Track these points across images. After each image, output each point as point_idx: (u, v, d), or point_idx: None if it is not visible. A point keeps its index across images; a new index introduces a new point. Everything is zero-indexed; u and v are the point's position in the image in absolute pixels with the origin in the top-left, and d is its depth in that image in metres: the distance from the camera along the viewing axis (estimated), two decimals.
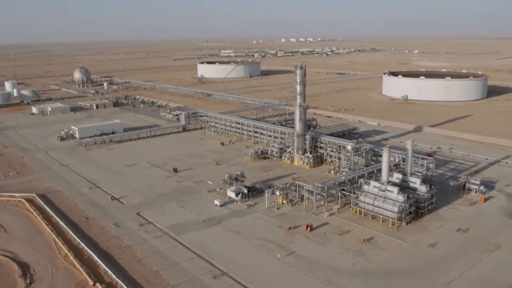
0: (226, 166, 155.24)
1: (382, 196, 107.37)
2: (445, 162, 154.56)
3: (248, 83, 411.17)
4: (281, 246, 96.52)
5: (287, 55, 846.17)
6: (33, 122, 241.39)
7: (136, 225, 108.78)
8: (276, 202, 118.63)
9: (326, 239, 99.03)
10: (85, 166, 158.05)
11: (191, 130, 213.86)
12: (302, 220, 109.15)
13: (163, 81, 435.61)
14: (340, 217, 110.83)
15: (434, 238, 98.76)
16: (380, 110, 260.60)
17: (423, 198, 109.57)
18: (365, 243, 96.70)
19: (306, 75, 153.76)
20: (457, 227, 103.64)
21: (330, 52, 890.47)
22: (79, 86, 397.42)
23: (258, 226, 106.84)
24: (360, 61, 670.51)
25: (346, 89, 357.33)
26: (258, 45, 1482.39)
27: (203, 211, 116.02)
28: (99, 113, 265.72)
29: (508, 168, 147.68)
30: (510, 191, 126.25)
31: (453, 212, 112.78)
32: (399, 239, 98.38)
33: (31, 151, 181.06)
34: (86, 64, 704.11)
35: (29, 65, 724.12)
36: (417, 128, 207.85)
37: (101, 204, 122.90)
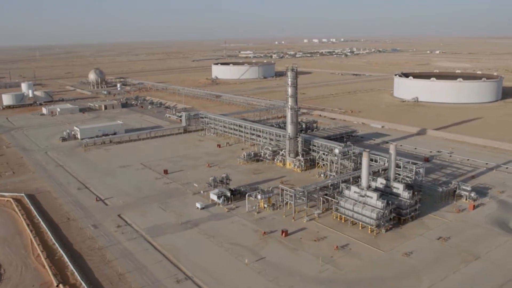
0: (217, 168, 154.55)
1: (362, 202, 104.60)
2: (442, 167, 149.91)
3: (260, 84, 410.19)
4: (253, 251, 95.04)
5: (306, 56, 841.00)
6: (41, 123, 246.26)
7: (114, 226, 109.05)
8: (257, 206, 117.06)
9: (300, 245, 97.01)
10: (79, 167, 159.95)
11: (192, 131, 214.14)
12: (280, 225, 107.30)
13: (177, 82, 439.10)
14: (320, 222, 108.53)
15: (411, 246, 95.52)
16: (387, 112, 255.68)
17: (405, 204, 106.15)
18: (338, 250, 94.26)
19: (297, 77, 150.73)
20: (438, 235, 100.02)
21: (349, 53, 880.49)
22: (94, 87, 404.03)
23: (234, 230, 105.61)
24: (378, 62, 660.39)
25: (358, 90, 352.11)
26: (280, 46, 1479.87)
27: (183, 214, 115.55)
28: (106, 114, 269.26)
29: (507, 174, 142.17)
30: (503, 198, 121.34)
31: (438, 220, 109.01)
32: (375, 247, 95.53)
33: (32, 151, 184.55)
34: (106, 65, 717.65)
35: (51, 66, 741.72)
36: (421, 131, 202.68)
37: (86, 205, 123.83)
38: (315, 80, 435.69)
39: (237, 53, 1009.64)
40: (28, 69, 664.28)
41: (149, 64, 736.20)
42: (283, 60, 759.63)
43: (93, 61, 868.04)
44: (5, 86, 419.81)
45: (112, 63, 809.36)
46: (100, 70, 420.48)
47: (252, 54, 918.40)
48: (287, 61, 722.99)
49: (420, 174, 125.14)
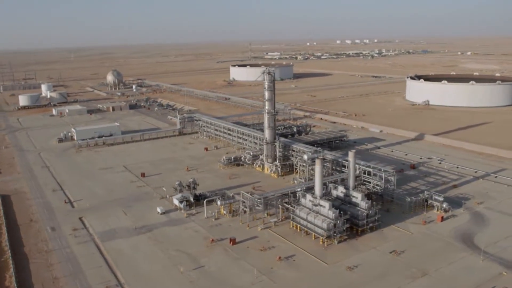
0: (195, 172, 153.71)
1: (315, 211, 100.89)
2: (426, 175, 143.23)
3: None
4: (194, 259, 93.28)
5: (332, 58, 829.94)
6: (47, 124, 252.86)
7: (71, 229, 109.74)
8: (216, 212, 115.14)
9: (244, 255, 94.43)
10: (64, 168, 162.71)
11: (187, 134, 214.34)
12: (234, 232, 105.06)
13: (194, 84, 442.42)
14: (275, 231, 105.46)
15: (359, 259, 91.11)
16: (393, 116, 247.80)
17: (362, 214, 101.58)
18: (281, 261, 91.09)
19: (274, 80, 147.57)
20: (393, 249, 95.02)
21: (376, 54, 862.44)
22: (111, 89, 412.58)
23: (185, 236, 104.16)
24: (403, 63, 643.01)
25: (371, 93, 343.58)
26: (310, 47, 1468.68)
27: (142, 218, 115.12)
28: (112, 116, 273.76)
29: (493, 183, 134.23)
30: (479, 210, 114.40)
31: (399, 231, 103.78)
32: (320, 259, 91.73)
33: (27, 152, 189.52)
34: (133, 67, 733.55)
35: (81, 68, 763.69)
36: (419, 136, 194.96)
37: (54, 207, 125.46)
38: (332, 82, 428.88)
39: (264, 54, 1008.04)
40: (59, 70, 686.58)
41: (174, 66, 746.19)
42: (307, 62, 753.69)
43: (123, 63, 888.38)
44: (28, 87, 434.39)
45: (140, 64, 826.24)
46: (118, 72, 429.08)
47: (278, 55, 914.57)
48: (312, 63, 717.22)
49: (391, 182, 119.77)
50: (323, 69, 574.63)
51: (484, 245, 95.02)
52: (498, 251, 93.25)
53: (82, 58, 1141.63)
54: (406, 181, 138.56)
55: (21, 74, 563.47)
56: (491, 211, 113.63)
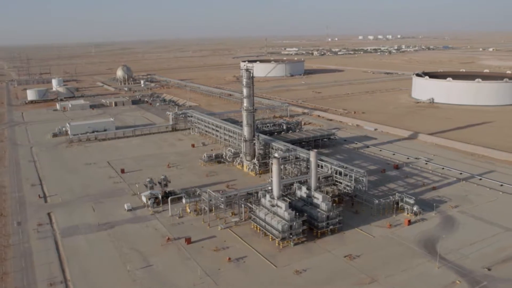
0: (175, 169, 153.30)
1: (273, 212, 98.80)
2: (407, 176, 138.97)
3: (282, 82, 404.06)
4: (145, 258, 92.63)
5: (349, 54, 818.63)
6: (49, 118, 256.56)
7: (36, 225, 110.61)
8: (181, 210, 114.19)
9: (195, 255, 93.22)
10: (49, 163, 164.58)
11: (180, 130, 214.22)
12: (194, 231, 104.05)
13: (204, 79, 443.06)
14: (235, 231, 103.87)
15: (310, 263, 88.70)
16: (394, 114, 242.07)
17: (322, 216, 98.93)
18: (230, 262, 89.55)
19: (253, 77, 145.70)
20: (349, 253, 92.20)
21: (395, 50, 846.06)
22: (121, 84, 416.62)
23: (143, 234, 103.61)
24: (419, 60, 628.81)
25: (378, 90, 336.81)
26: (331, 43, 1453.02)
27: (109, 215, 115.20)
28: (112, 111, 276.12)
29: (475, 186, 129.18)
30: (452, 214, 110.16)
31: (361, 235, 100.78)
32: (271, 262, 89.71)
33: (20, 146, 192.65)
34: (148, 62, 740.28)
35: (99, 62, 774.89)
36: (413, 135, 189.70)
37: (27, 201, 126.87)
38: (342, 78, 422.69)
39: (281, 49, 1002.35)
40: (78, 65, 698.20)
41: (190, 61, 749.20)
42: (323, 58, 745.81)
43: (140, 58, 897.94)
44: (42, 82, 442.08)
45: (157, 59, 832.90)
46: (127, 67, 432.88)
47: (295, 51, 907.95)
48: (327, 59, 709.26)
49: (363, 183, 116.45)
50: (336, 65, 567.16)
51: (445, 252, 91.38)
52: (458, 258, 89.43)
53: (103, 53, 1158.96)
54: (385, 181, 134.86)
55: (38, 69, 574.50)
56: (464, 216, 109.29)
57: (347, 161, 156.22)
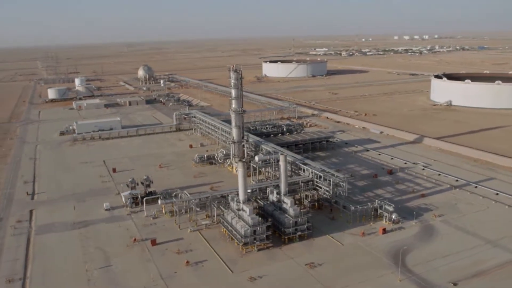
0: (166, 169, 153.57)
1: (238, 216, 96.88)
2: (399, 182, 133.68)
3: (301, 83, 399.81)
4: (107, 258, 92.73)
5: (378, 54, 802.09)
6: (63, 117, 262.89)
7: (15, 221, 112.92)
8: (156, 211, 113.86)
9: (157, 257, 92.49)
10: (48, 161, 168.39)
11: (184, 130, 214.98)
12: (164, 232, 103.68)
13: (224, 79, 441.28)
14: (204, 234, 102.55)
15: (268, 270, 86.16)
16: (406, 116, 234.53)
17: (289, 222, 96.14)
18: (188, 266, 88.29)
19: (242, 78, 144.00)
20: (311, 261, 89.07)
21: (426, 50, 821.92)
22: (142, 83, 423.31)
23: (113, 234, 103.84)
24: (450, 60, 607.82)
25: (397, 91, 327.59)
26: (365, 43, 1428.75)
27: (87, 214, 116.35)
28: (125, 110, 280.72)
29: (468, 194, 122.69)
30: (433, 223, 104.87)
31: (331, 242, 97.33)
32: (229, 267, 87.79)
33: (27, 144, 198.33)
34: (175, 62, 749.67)
35: (128, 62, 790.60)
36: (418, 139, 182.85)
37: (15, 198, 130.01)
38: (364, 79, 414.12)
39: (310, 50, 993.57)
40: (107, 64, 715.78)
41: (216, 61, 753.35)
42: (350, 58, 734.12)
43: (170, 57, 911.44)
44: (68, 81, 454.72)
45: (185, 59, 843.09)
46: (148, 67, 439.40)
47: (323, 51, 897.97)
48: (354, 59, 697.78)
49: (343, 188, 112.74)
50: (362, 66, 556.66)
51: (414, 263, 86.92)
52: (425, 271, 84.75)
53: (134, 53, 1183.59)
54: (374, 187, 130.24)
55: (67, 68, 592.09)
56: (446, 226, 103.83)
57: (341, 164, 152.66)
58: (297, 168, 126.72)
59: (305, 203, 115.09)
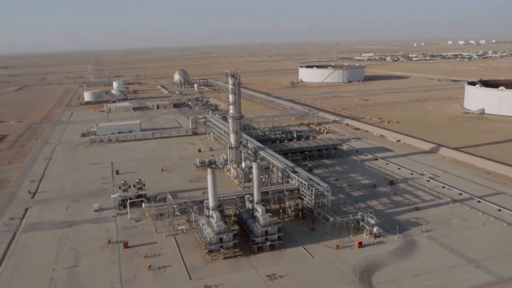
0: (167, 173, 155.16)
1: (207, 223, 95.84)
2: (396, 193, 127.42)
3: (335, 89, 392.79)
4: (77, 258, 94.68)
5: (425, 59, 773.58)
6: (91, 119, 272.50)
7: (8, 218, 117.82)
8: (140, 214, 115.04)
9: (125, 259, 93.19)
10: (61, 161, 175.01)
11: (200, 134, 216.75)
12: (140, 236, 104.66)
13: (260, 84, 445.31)
14: (178, 239, 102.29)
15: (227, 279, 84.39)
16: (431, 125, 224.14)
17: (258, 231, 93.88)
18: (150, 271, 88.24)
19: (240, 83, 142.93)
20: (274, 272, 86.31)
21: (476, 56, 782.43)
22: (177, 87, 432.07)
23: (91, 235, 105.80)
24: (499, 66, 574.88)
25: (431, 98, 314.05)
26: (417, 48, 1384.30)
27: (77, 214, 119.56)
28: (152, 113, 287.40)
29: (467, 209, 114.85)
30: (418, 239, 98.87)
31: (301, 254, 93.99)
32: (190, 274, 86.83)
33: (48, 144, 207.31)
34: (218, 66, 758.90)
35: (172, 66, 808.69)
36: (434, 149, 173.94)
37: (17, 196, 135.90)
38: (401, 85, 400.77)
39: (355, 55, 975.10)
40: (152, 68, 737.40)
41: (257, 66, 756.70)
42: (395, 64, 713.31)
43: (214, 62, 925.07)
44: (109, 84, 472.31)
45: (227, 63, 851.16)
46: (184, 71, 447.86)
47: (368, 57, 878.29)
48: (397, 65, 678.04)
49: (327, 198, 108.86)
50: (403, 72, 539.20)
51: (380, 281, 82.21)
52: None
53: (181, 57, 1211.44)
54: (369, 198, 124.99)
55: (113, 72, 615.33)
56: (431, 242, 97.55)
57: (344, 173, 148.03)
58: (287, 176, 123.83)
59: (288, 212, 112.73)
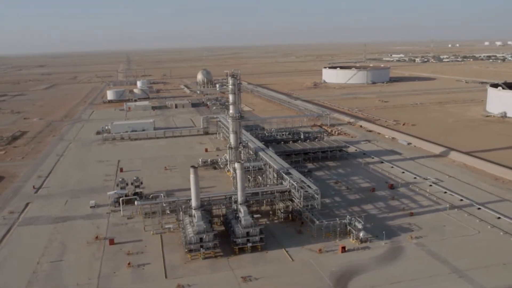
0: (169, 171, 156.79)
1: (189, 222, 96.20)
2: (393, 198, 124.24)
3: (356, 90, 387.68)
4: (63, 253, 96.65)
5: (456, 61, 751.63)
6: (110, 117, 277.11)
7: (8, 212, 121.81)
8: (132, 212, 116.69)
9: (108, 256, 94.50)
10: (71, 158, 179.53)
11: (211, 134, 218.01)
12: (128, 233, 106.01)
13: (283, 85, 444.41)
14: (164, 237, 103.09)
15: (200, 280, 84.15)
16: (448, 128, 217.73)
17: (239, 232, 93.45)
18: (129, 268, 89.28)
19: (240, 83, 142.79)
20: (249, 274, 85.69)
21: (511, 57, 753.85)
22: (200, 87, 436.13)
23: (82, 231, 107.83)
24: None
25: (454, 101, 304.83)
26: (452, 49, 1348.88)
27: (73, 210, 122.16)
28: (169, 112, 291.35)
29: (465, 216, 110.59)
30: (405, 245, 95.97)
31: (283, 256, 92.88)
32: (167, 273, 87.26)
33: (63, 141, 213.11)
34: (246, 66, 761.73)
35: (200, 66, 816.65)
36: (444, 153, 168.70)
37: (22, 191, 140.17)
38: (425, 87, 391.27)
39: (385, 56, 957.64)
40: (181, 68, 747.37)
41: (284, 66, 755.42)
42: (424, 65, 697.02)
43: (243, 62, 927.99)
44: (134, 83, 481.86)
45: (255, 64, 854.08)
46: (207, 71, 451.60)
47: (398, 58, 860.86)
48: (428, 66, 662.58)
49: (316, 200, 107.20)
50: (431, 73, 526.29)
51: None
52: None
53: (211, 57, 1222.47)
54: (365, 202, 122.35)
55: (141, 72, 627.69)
56: (418, 249, 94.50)
57: (346, 175, 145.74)
58: (281, 177, 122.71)
59: (278, 214, 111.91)
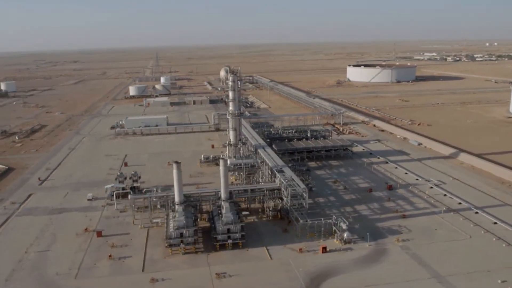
0: (171, 167, 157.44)
1: (172, 217, 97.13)
2: (389, 199, 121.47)
3: (378, 89, 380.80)
4: (51, 243, 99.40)
5: (490, 60, 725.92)
6: (128, 112, 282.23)
7: (10, 202, 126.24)
8: (125, 206, 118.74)
9: (93, 248, 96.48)
10: (81, 152, 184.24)
11: (222, 130, 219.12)
12: (117, 226, 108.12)
13: (305, 83, 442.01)
14: (152, 231, 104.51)
15: (176, 274, 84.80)
16: (465, 129, 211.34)
17: (219, 228, 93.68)
18: (110, 260, 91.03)
19: (240, 80, 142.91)
20: (225, 271, 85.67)
21: None
22: (222, 84, 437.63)
23: (74, 222, 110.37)
24: None
25: (478, 101, 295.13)
26: (489, 48, 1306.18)
27: (71, 202, 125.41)
28: (187, 108, 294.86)
29: (460, 220, 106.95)
30: (389, 248, 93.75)
31: (262, 255, 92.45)
32: (146, 266, 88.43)
33: (78, 135, 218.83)
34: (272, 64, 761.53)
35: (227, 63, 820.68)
36: (453, 154, 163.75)
37: (28, 182, 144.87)
38: (451, 87, 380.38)
39: (417, 54, 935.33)
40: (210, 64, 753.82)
41: (310, 64, 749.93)
42: (455, 64, 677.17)
43: (270, 60, 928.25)
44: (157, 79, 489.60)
45: (282, 61, 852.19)
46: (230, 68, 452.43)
47: (429, 56, 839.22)
48: (459, 65, 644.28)
49: (304, 199, 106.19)
50: (461, 72, 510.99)
51: None
52: None
53: (241, 54, 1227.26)
54: (359, 202, 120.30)
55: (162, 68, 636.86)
56: (402, 252, 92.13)
57: (346, 175, 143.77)
58: (274, 175, 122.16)
59: (267, 212, 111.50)
